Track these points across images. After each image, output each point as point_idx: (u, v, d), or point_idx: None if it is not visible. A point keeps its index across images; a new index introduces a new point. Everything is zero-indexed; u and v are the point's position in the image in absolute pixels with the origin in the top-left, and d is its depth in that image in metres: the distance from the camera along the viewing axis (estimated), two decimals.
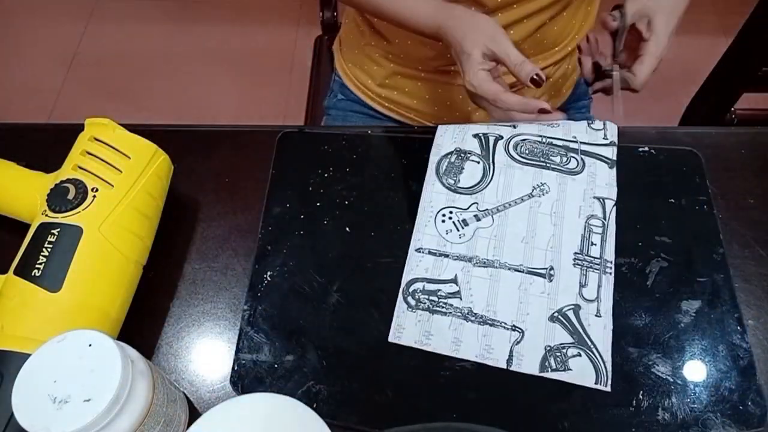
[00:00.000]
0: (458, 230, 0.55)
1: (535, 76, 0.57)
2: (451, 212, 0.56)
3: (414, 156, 0.61)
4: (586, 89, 0.86)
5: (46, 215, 0.50)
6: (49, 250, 0.48)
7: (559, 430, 0.48)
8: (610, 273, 0.54)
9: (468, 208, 0.56)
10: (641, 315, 0.52)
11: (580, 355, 0.50)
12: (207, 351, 0.53)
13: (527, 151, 0.59)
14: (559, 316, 0.51)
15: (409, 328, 0.51)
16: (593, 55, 0.70)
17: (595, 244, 0.55)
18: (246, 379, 0.50)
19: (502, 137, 0.60)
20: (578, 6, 0.73)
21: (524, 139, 0.60)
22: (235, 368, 0.50)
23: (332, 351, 0.51)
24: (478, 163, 0.59)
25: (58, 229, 0.49)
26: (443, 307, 0.52)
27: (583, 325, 0.51)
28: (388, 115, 0.83)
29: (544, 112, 0.59)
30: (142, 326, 0.53)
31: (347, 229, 0.58)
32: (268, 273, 0.55)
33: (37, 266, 0.47)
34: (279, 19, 1.86)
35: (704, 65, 0.97)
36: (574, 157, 0.59)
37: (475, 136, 0.60)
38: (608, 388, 0.49)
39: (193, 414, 0.49)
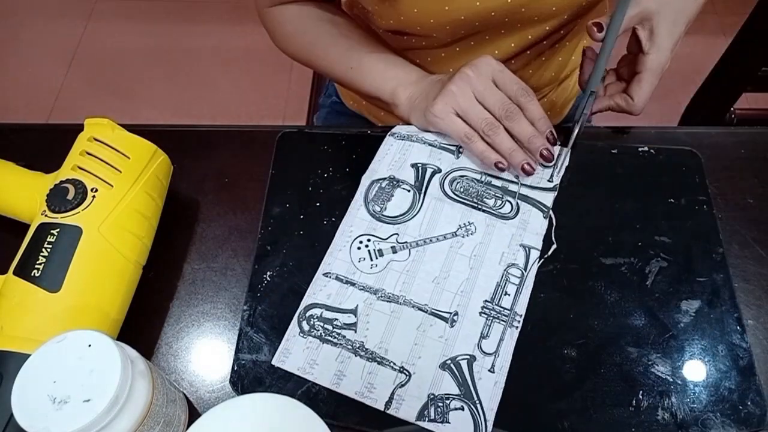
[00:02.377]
0: (372, 260, 0.54)
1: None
2: (369, 240, 0.55)
3: None
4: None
5: (46, 215, 0.50)
6: (48, 250, 0.48)
7: (559, 430, 0.48)
8: (517, 327, 0.51)
9: (387, 239, 0.55)
10: (641, 315, 0.52)
11: (462, 409, 0.47)
12: (207, 351, 0.53)
13: (462, 189, 0.57)
14: (451, 365, 0.49)
15: (295, 353, 0.50)
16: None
17: (509, 294, 0.52)
18: (246, 379, 0.50)
19: (440, 170, 0.59)
20: (579, 37, 0.71)
21: (463, 176, 0.58)
22: (235, 368, 0.50)
23: None
24: (409, 191, 0.57)
25: (58, 230, 0.49)
26: (335, 338, 0.50)
27: (474, 379, 0.49)
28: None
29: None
30: (142, 326, 0.53)
31: None
32: (268, 273, 0.55)
33: (36, 266, 0.47)
34: None
35: (704, 65, 0.97)
36: (509, 201, 0.57)
37: (413, 165, 0.59)
38: None
39: (193, 414, 0.49)
